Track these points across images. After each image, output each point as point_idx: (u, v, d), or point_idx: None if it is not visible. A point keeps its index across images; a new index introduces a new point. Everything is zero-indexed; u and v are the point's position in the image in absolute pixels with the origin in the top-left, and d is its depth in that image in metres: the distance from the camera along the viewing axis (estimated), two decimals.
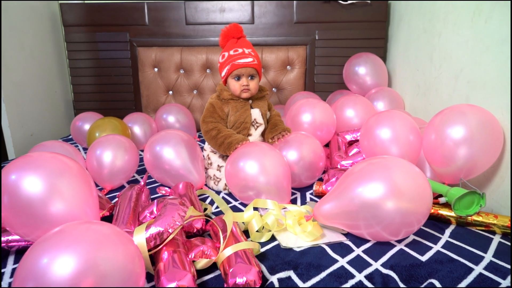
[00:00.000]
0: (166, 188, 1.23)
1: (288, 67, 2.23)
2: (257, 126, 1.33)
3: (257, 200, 1.07)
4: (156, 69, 2.25)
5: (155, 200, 0.91)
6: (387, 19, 2.17)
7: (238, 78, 1.27)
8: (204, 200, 1.25)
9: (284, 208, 1.09)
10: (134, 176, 1.51)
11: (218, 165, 1.34)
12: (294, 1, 2.15)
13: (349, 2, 2.10)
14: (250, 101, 1.33)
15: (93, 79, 2.29)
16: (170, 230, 0.77)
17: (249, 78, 1.28)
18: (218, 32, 2.22)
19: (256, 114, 1.32)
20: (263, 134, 1.37)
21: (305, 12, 2.17)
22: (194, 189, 1.18)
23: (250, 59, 1.26)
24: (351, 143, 1.56)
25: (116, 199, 1.17)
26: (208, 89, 2.26)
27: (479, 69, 1.24)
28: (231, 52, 1.28)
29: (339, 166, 1.35)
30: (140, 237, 0.75)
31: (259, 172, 1.09)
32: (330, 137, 1.56)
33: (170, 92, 2.29)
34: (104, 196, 1.16)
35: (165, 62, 2.22)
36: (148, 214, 0.90)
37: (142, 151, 1.87)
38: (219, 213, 1.14)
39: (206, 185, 1.36)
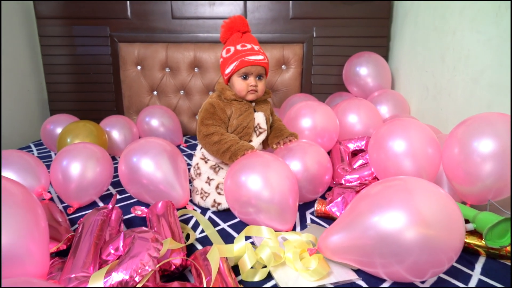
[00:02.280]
0: (142, 207, 1.04)
1: (283, 66, 2.06)
2: (260, 133, 1.18)
3: (250, 228, 0.89)
4: (139, 67, 2.06)
5: (122, 233, 0.73)
6: (390, 16, 2.01)
7: (246, 76, 1.13)
8: (187, 221, 1.07)
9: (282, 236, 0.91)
10: (108, 190, 1.32)
11: (208, 178, 1.17)
12: None
13: None
14: (254, 104, 1.18)
15: (69, 77, 2.10)
16: (137, 278, 0.59)
17: (257, 78, 1.14)
18: (207, 27, 2.04)
19: (260, 118, 1.17)
20: (263, 142, 1.23)
21: (302, 7, 2.00)
22: (175, 210, 1.00)
23: (261, 57, 1.12)
24: (354, 153, 1.39)
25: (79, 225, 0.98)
26: (196, 90, 2.07)
27: (504, 72, 1.08)
28: (239, 47, 1.12)
29: (343, 182, 1.18)
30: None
31: (262, 188, 0.93)
32: (332, 146, 1.39)
33: (155, 92, 2.10)
34: (66, 221, 0.97)
35: (149, 59, 2.03)
36: (113, 251, 0.71)
37: None
38: (204, 240, 0.96)
39: (191, 200, 1.19)
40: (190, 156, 1.72)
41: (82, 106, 2.13)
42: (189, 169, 1.27)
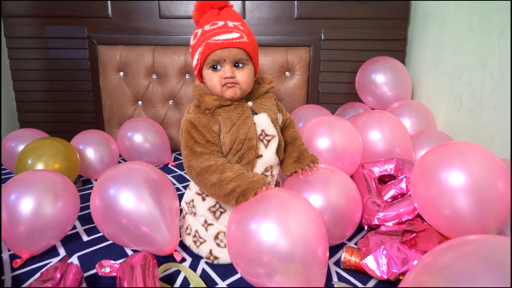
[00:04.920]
0: (110, 262, 0.77)
1: (287, 73, 1.81)
2: (268, 140, 0.85)
3: None
4: (121, 73, 1.79)
5: None
6: (408, 16, 1.77)
7: (216, 66, 0.81)
8: (171, 279, 0.80)
9: None
10: (74, 228, 1.05)
11: (206, 222, 0.89)
12: None
13: None
14: (250, 104, 0.86)
15: (41, 84, 1.83)
16: None
17: (235, 66, 0.82)
18: None
19: (263, 122, 0.85)
20: (277, 151, 0.89)
21: (308, 6, 1.76)
22: (155, 267, 0.73)
23: (235, 34, 0.79)
24: (380, 179, 1.14)
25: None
26: (187, 99, 1.81)
27: None
28: (207, 27, 0.80)
29: (376, 221, 0.91)
30: None
31: (279, 238, 0.67)
32: (353, 171, 1.14)
33: (139, 102, 1.83)
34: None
35: (133, 64, 1.77)
36: None
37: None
38: None
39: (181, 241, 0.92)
40: (180, 178, 1.45)
41: (56, 117, 1.87)
42: (180, 196, 0.99)
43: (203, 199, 0.89)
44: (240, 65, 0.82)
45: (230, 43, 0.78)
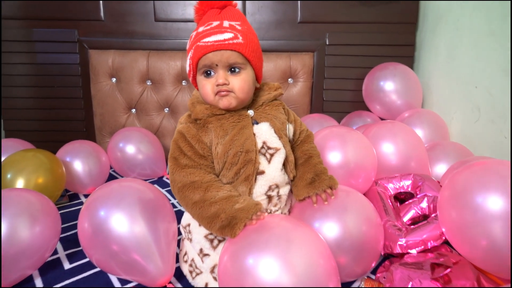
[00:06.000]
0: None
1: (289, 80, 1.71)
2: (272, 154, 0.74)
3: None
4: (114, 79, 1.69)
5: None
6: (417, 20, 1.68)
7: (209, 72, 0.72)
8: None
9: None
10: (55, 253, 0.94)
11: (202, 251, 0.77)
12: None
13: None
14: (251, 112, 0.76)
15: (29, 90, 1.72)
16: None
17: (230, 71, 0.72)
18: None
19: (264, 132, 0.74)
20: (285, 167, 0.78)
21: (312, 9, 1.66)
22: None
23: (228, 35, 0.69)
24: (397, 198, 1.03)
25: None
26: (183, 107, 1.71)
27: None
28: (201, 29, 0.71)
29: (398, 248, 0.81)
30: None
31: (281, 275, 0.57)
32: (367, 188, 1.03)
33: (133, 110, 1.72)
34: None
35: (126, 70, 1.67)
36: None
37: (87, 196, 1.32)
38: None
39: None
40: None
41: (44, 126, 1.76)
42: (177, 213, 0.88)
43: (199, 223, 0.77)
44: (236, 69, 0.72)
45: (221, 45, 0.68)
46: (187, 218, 0.81)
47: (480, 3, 1.25)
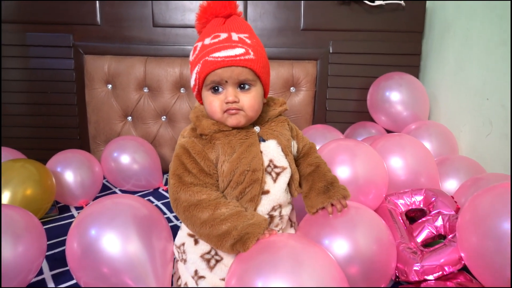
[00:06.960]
0: None
1: (292, 88, 1.65)
2: (278, 173, 0.70)
3: None
4: (109, 86, 1.63)
5: None
6: (423, 29, 1.64)
7: (217, 88, 0.67)
8: None
9: None
10: (40, 273, 0.87)
11: (197, 272, 0.71)
12: (302, 1, 1.59)
13: (377, 3, 1.55)
14: (257, 129, 0.72)
15: (21, 96, 1.67)
16: None
17: (239, 88, 0.67)
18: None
19: (271, 150, 0.71)
20: (289, 186, 0.74)
21: (316, 16, 1.61)
22: None
23: (239, 50, 0.65)
24: (407, 216, 0.97)
25: None
26: (181, 115, 1.65)
27: None
28: (207, 41, 0.66)
29: (414, 274, 0.74)
30: None
31: None
32: (377, 205, 0.97)
33: (129, 118, 1.66)
34: None
35: (122, 76, 1.61)
36: None
37: (80, 208, 1.25)
38: None
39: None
40: None
41: (37, 133, 1.70)
42: (173, 229, 0.81)
43: (196, 242, 0.72)
44: (246, 86, 0.67)
45: (233, 61, 0.64)
46: (181, 237, 0.75)
47: (491, 11, 1.21)
